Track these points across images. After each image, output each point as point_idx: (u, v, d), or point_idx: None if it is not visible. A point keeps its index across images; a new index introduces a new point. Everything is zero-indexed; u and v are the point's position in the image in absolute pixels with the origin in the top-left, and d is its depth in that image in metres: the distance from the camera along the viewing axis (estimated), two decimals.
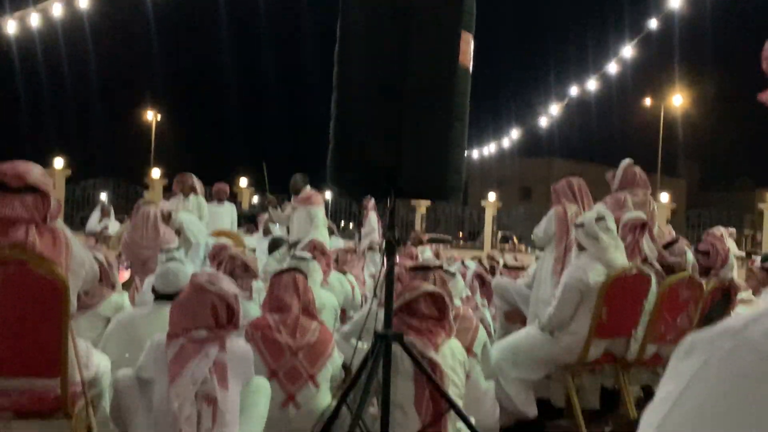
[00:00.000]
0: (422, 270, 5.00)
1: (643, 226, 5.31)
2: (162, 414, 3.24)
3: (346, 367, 5.05)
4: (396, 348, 3.86)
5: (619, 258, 4.82)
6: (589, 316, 4.72)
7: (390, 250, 3.93)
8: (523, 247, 33.51)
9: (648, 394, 5.74)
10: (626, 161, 5.90)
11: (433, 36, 3.78)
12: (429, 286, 4.26)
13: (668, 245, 5.38)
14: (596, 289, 4.70)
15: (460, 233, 40.47)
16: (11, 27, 16.39)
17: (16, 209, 2.95)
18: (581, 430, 4.71)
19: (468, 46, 3.82)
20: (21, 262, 2.87)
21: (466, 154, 4.12)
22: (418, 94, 3.68)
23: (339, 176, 3.87)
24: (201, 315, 3.43)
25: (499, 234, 34.48)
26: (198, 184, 10.55)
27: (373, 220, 11.94)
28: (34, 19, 16.30)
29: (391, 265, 3.94)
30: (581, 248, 4.91)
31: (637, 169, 5.91)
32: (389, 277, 3.95)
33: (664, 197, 22.14)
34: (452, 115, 3.76)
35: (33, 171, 3.05)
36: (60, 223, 3.11)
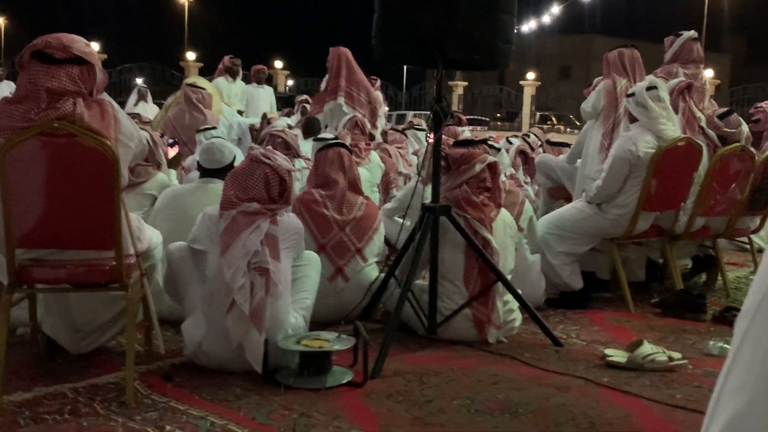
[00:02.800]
0: (467, 145, 4.92)
1: (689, 87, 5.16)
2: (215, 284, 3.29)
3: (390, 244, 5.09)
4: (444, 220, 3.85)
5: (670, 129, 4.69)
6: (637, 189, 4.64)
7: (437, 122, 3.86)
8: (561, 126, 33.08)
9: (695, 266, 5.72)
10: (689, 33, 5.65)
11: None
12: (489, 157, 4.19)
13: (723, 116, 5.22)
14: (646, 161, 4.60)
15: (498, 114, 39.98)
16: None
17: (63, 81, 2.91)
18: (627, 302, 4.72)
19: None
20: (70, 134, 2.85)
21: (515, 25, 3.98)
22: None
23: (385, 46, 3.76)
24: (254, 187, 3.43)
25: (538, 114, 34.03)
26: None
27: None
28: None
29: (439, 137, 3.88)
30: (632, 120, 4.79)
31: (697, 45, 5.67)
32: (436, 149, 3.90)
33: (708, 73, 21.56)
34: None
35: (78, 42, 2.99)
36: (107, 96, 3.07)
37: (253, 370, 3.23)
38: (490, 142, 5.56)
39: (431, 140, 3.93)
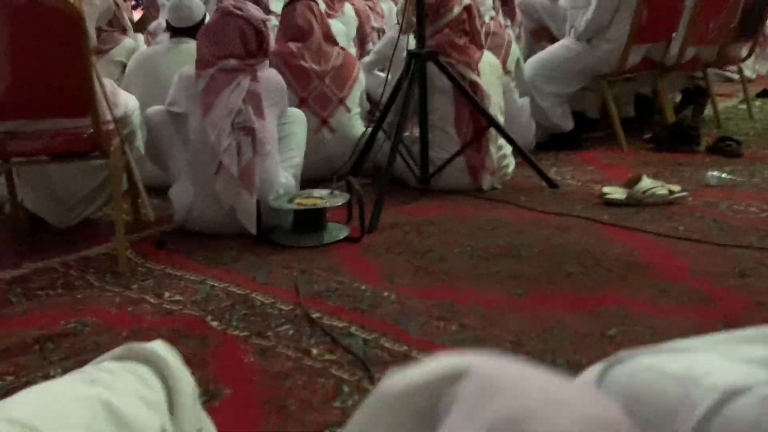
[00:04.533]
0: None
1: None
2: (200, 146, 3.15)
3: (371, 100, 4.93)
4: (431, 67, 3.68)
5: None
6: (628, 20, 4.47)
7: None
8: None
9: (685, 98, 5.62)
10: None
11: None
12: None
13: None
14: None
15: None
16: None
17: None
18: (620, 139, 4.64)
19: None
20: None
21: None
22: None
23: None
24: (230, 42, 3.24)
25: None
26: None
27: None
28: None
29: None
30: None
31: None
32: None
33: None
34: None
35: None
36: None
37: (246, 232, 3.15)
38: None
39: None
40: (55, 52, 2.73)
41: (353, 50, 6.29)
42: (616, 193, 3.54)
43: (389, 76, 3.94)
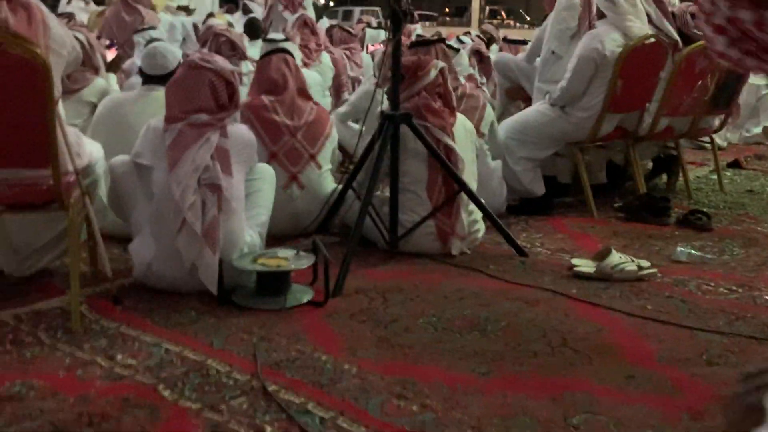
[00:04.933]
0: (423, 45, 4.69)
1: None
2: (164, 201, 3.07)
3: (344, 150, 4.89)
4: (405, 129, 3.65)
5: (637, 26, 4.51)
6: (603, 90, 4.49)
7: (396, 23, 3.61)
8: (511, 21, 32.65)
9: (656, 167, 5.65)
10: None
11: None
12: (439, 62, 3.98)
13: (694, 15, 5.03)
14: (612, 60, 4.43)
15: (446, 9, 39.27)
16: None
17: None
18: (590, 207, 4.63)
19: None
20: None
21: None
22: None
23: None
24: (200, 97, 3.17)
25: (487, 9, 33.44)
26: None
27: None
28: None
29: (398, 40, 3.64)
30: (600, 16, 4.58)
31: None
32: (396, 53, 3.66)
33: None
34: None
35: None
36: None
37: (207, 292, 3.06)
38: (448, 42, 5.35)
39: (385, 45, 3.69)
40: (18, 102, 2.65)
41: (328, 100, 6.28)
42: (585, 266, 3.51)
43: (363, 128, 3.90)
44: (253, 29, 7.60)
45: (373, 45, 8.65)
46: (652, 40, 4.55)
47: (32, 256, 3.28)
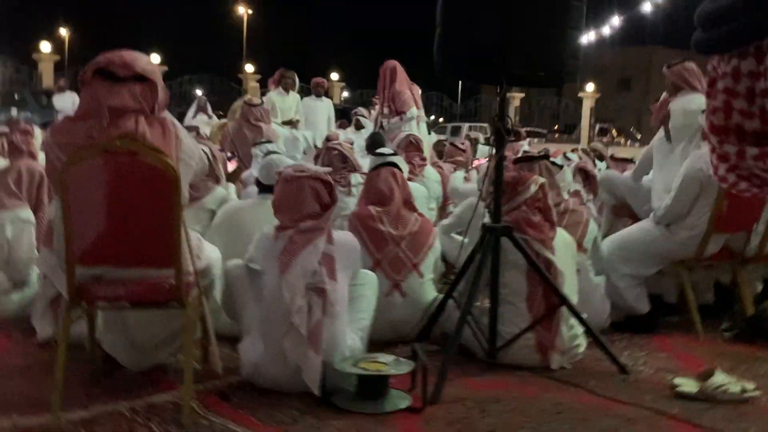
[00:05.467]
0: (527, 161, 4.82)
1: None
2: (273, 305, 3.24)
3: (446, 261, 5.00)
4: (506, 242, 3.74)
5: None
6: (708, 209, 4.47)
7: (500, 140, 3.77)
8: (622, 139, 32.54)
9: (766, 289, 5.50)
10: None
11: None
12: (539, 178, 4.10)
13: None
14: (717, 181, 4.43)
15: (556, 126, 39.55)
16: None
17: (125, 99, 2.90)
18: (696, 327, 4.55)
19: None
20: (132, 152, 2.84)
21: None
22: None
23: (447, 62, 3.68)
24: (304, 203, 3.39)
25: (597, 127, 33.52)
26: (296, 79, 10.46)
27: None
28: None
29: (501, 156, 3.78)
30: (704, 136, 4.61)
31: None
32: (498, 168, 3.80)
33: None
34: None
35: (140, 59, 2.98)
36: (168, 114, 3.06)
37: (309, 392, 3.18)
38: (552, 159, 5.45)
39: (490, 159, 3.84)
40: (148, 207, 2.91)
41: (433, 212, 6.45)
42: (687, 385, 3.45)
43: (467, 240, 4.01)
44: (376, 144, 7.93)
45: (478, 160, 8.84)
46: None
47: (149, 351, 3.49)
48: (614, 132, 34.64)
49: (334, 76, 33.92)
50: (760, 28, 1.52)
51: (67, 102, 15.31)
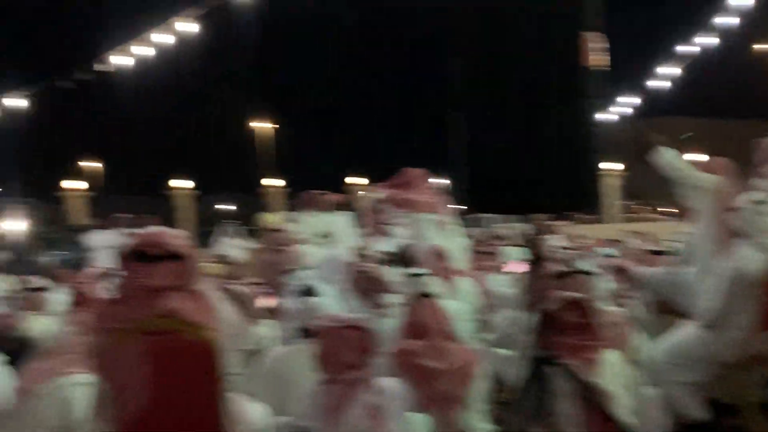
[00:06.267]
0: (562, 278, 4.72)
1: None
2: None
3: (497, 378, 4.88)
4: (552, 370, 3.68)
5: None
6: (752, 308, 4.38)
7: (535, 265, 3.75)
8: (653, 213, 32.16)
9: None
10: None
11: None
12: (569, 294, 4.02)
13: None
14: (757, 279, 4.35)
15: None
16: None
17: (158, 278, 2.93)
18: (759, 427, 4.38)
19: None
20: (172, 330, 2.85)
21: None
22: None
23: (476, 195, 3.71)
24: (343, 354, 3.38)
25: (630, 205, 32.91)
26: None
27: None
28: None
29: (539, 289, 3.76)
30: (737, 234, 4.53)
31: None
32: (533, 305, 3.75)
33: None
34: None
35: (169, 236, 3.03)
36: (204, 285, 3.07)
37: None
38: (585, 269, 5.33)
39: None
40: (191, 384, 2.90)
41: (470, 325, 6.26)
42: None
43: (514, 355, 3.94)
44: (407, 259, 7.83)
45: (509, 263, 8.61)
46: None
47: None
48: (650, 208, 33.94)
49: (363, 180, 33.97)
50: None
51: (99, 240, 15.20)
